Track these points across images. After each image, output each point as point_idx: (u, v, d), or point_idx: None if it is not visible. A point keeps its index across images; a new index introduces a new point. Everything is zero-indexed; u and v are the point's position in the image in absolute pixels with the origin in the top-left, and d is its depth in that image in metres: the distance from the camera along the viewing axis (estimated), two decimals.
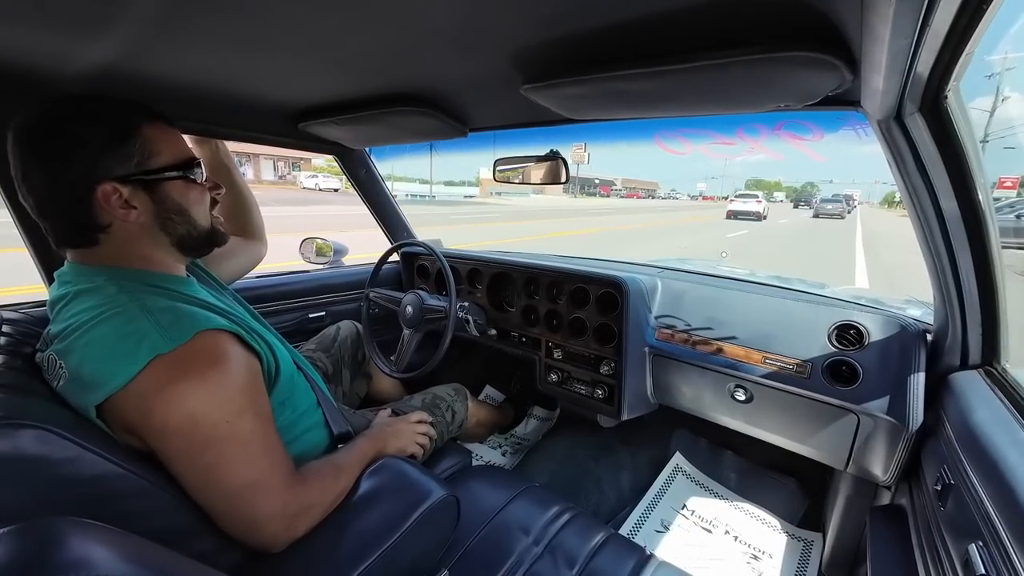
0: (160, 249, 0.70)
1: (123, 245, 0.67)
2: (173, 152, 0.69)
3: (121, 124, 0.64)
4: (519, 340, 1.45)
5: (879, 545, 0.84)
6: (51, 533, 0.35)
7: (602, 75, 0.68)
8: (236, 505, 0.63)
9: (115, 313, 0.60)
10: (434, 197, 34.09)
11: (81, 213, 0.63)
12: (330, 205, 17.07)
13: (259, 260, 1.14)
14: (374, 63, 0.76)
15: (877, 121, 0.67)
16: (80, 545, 0.35)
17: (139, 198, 0.65)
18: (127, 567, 0.35)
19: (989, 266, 0.71)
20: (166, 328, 0.59)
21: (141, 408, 0.58)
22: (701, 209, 36.30)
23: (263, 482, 0.64)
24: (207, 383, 0.59)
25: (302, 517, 0.68)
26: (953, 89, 0.56)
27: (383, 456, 0.86)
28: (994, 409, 0.67)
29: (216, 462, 0.61)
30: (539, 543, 0.86)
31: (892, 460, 0.91)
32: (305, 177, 29.44)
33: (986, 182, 0.66)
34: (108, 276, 0.64)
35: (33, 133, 0.61)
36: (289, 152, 3.40)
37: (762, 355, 1.05)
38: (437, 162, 59.64)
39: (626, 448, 1.60)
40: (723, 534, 1.30)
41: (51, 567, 0.32)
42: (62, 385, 0.60)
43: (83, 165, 0.61)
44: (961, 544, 0.58)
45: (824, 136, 8.87)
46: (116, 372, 0.57)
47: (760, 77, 0.64)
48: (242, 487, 0.62)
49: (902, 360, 0.90)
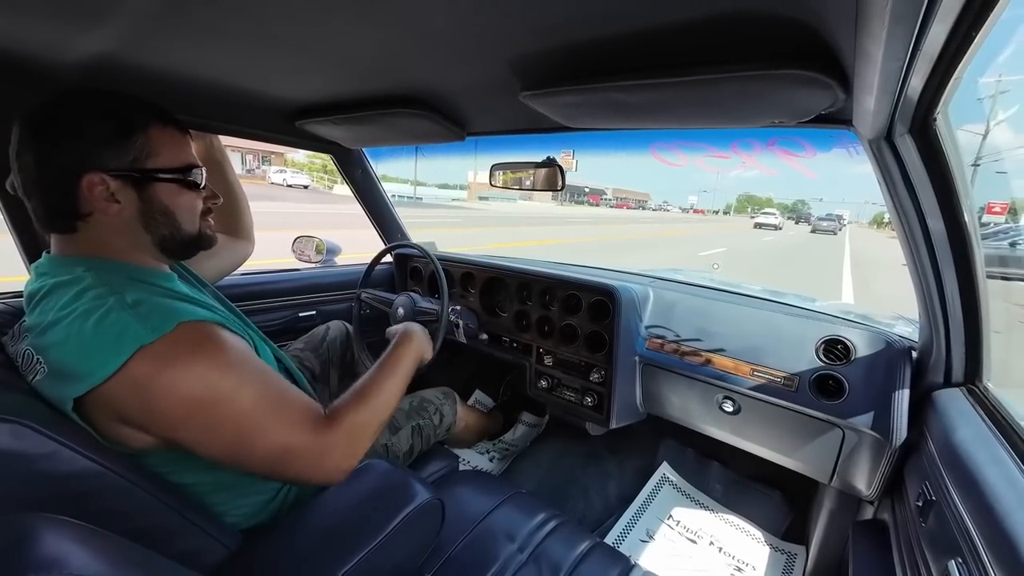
0: (139, 246, 0.69)
1: (102, 236, 0.66)
2: (174, 156, 0.69)
3: (126, 120, 0.65)
4: (510, 345, 1.45)
5: (861, 559, 0.85)
6: (23, 529, 0.34)
7: (600, 85, 0.69)
8: (275, 467, 0.64)
9: (94, 306, 0.59)
10: (420, 199, 33.75)
11: (62, 199, 0.63)
12: (297, 203, 15.89)
13: (244, 259, 1.13)
14: (374, 64, 0.76)
15: (868, 140, 0.68)
16: (53, 542, 0.34)
17: (125, 193, 0.65)
18: (102, 566, 0.34)
19: (973, 285, 0.73)
20: (147, 319, 0.58)
21: (140, 401, 0.57)
22: (692, 222, 36.39)
23: (288, 442, 0.64)
24: (196, 367, 0.59)
25: (350, 447, 0.69)
26: (942, 112, 0.57)
27: (422, 361, 0.94)
28: (975, 427, 0.68)
29: (233, 439, 0.61)
30: (524, 550, 0.86)
31: (875, 475, 0.92)
32: (274, 172, 27.78)
33: (972, 203, 0.68)
34: (87, 267, 0.64)
35: (39, 118, 0.62)
36: (259, 145, 3.29)
37: (751, 367, 1.06)
38: (434, 164, 59.58)
39: (614, 457, 1.60)
40: (708, 545, 1.30)
41: (22, 565, 0.31)
42: (38, 379, 0.59)
43: (77, 153, 0.62)
44: (941, 560, 0.58)
45: (816, 154, 9.09)
46: (99, 365, 0.56)
47: (755, 93, 0.65)
48: (270, 454, 0.63)
49: (887, 376, 0.92)
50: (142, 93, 0.69)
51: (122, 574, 0.35)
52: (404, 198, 31.02)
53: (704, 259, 10.65)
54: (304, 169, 31.91)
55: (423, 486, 0.76)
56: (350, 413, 0.71)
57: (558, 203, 51.34)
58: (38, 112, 0.62)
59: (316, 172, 32.32)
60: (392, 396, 0.80)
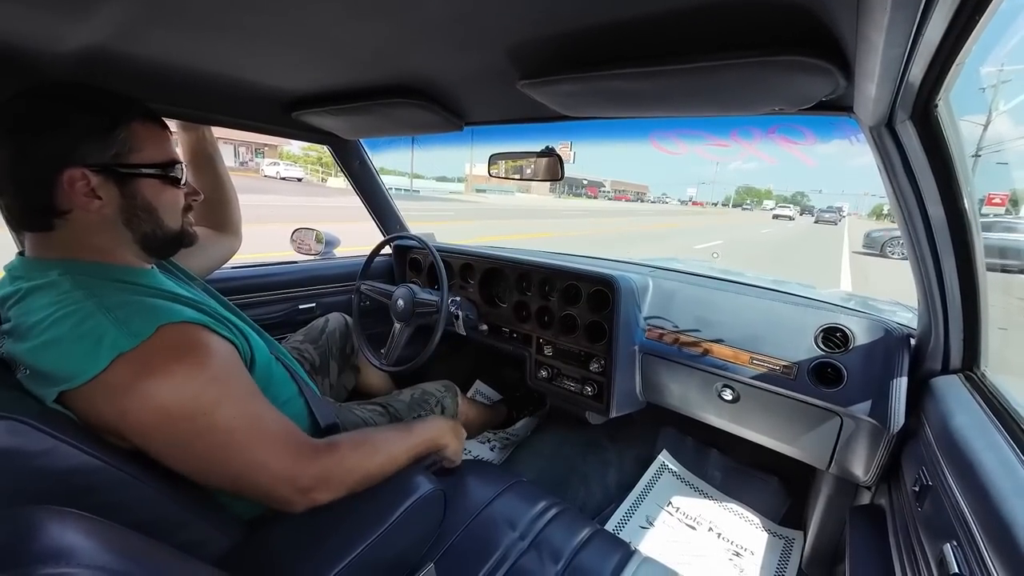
0: (121, 244, 0.68)
1: (81, 235, 0.64)
2: (156, 151, 0.68)
3: (110, 115, 0.63)
4: (510, 336, 1.45)
5: (858, 544, 0.86)
6: (31, 522, 0.34)
7: (599, 73, 0.68)
8: (242, 485, 0.63)
9: (70, 312, 0.57)
10: (417, 192, 33.34)
11: (41, 195, 0.61)
12: (285, 196, 15.58)
13: (232, 254, 1.12)
14: (370, 54, 0.75)
15: (869, 127, 0.68)
16: (60, 534, 0.34)
17: (107, 190, 0.63)
18: (109, 557, 0.34)
19: (972, 272, 0.73)
20: (125, 323, 0.56)
21: (115, 409, 0.56)
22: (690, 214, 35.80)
23: (261, 463, 0.63)
24: (174, 378, 0.57)
25: (320, 488, 0.66)
26: (943, 99, 0.56)
27: (439, 448, 0.89)
28: (972, 413, 0.69)
29: (205, 454, 0.60)
30: (525, 538, 0.87)
31: (873, 461, 0.93)
32: (267, 165, 27.64)
33: (972, 191, 0.68)
34: (62, 270, 0.61)
35: (18, 111, 0.60)
36: (253, 137, 3.22)
37: (750, 356, 1.07)
38: (432, 157, 59.01)
39: (613, 445, 1.61)
40: (706, 531, 1.32)
41: (29, 557, 0.31)
42: (22, 377, 0.58)
43: (56, 146, 0.60)
44: (937, 544, 0.59)
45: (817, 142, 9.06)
46: (77, 372, 0.54)
47: (755, 80, 0.64)
48: (241, 470, 0.62)
49: (886, 364, 0.92)
50: (135, 85, 0.68)
51: (129, 564, 0.36)
52: (400, 191, 30.78)
53: (700, 252, 10.45)
54: (299, 161, 31.59)
55: (425, 477, 0.77)
56: (344, 450, 0.71)
57: (555, 196, 51.09)
58: (13, 104, 0.60)
59: (311, 164, 32.03)
60: (392, 455, 0.78)
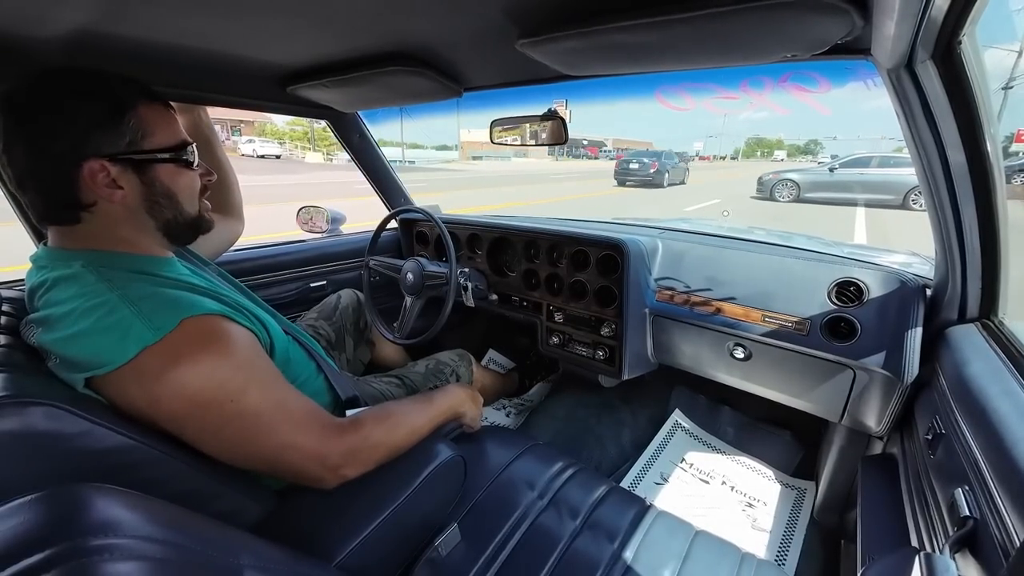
0: (144, 233, 0.68)
1: (106, 226, 0.64)
2: (167, 134, 0.67)
3: (116, 101, 0.62)
4: (520, 304, 1.46)
5: (869, 491, 0.88)
6: (77, 498, 0.36)
7: (601, 27, 0.65)
8: (274, 466, 0.66)
9: (96, 304, 0.58)
10: (412, 163, 32.50)
11: (64, 190, 0.61)
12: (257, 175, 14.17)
13: (236, 238, 1.13)
14: (363, 20, 0.72)
15: (887, 70, 0.64)
16: (106, 508, 0.36)
17: (127, 178, 0.63)
18: (153, 528, 0.37)
19: (993, 219, 0.71)
20: (150, 317, 0.57)
21: (147, 395, 0.57)
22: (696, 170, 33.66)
23: (290, 444, 0.65)
24: (201, 367, 0.58)
25: (349, 464, 0.69)
26: (969, 33, 0.53)
27: (458, 416, 0.91)
28: (988, 361, 0.69)
29: (236, 438, 0.62)
30: (544, 497, 0.90)
31: (886, 412, 0.93)
32: (244, 143, 26.90)
33: (996, 133, 0.65)
34: (85, 261, 0.62)
35: (21, 103, 0.59)
36: (229, 113, 3.14)
37: (761, 313, 1.06)
38: (425, 126, 57.70)
39: (627, 406, 1.64)
40: (720, 484, 1.36)
41: (79, 530, 0.33)
42: (53, 365, 0.60)
43: (71, 140, 0.59)
44: (948, 489, 0.60)
45: (831, 88, 8.46)
46: (105, 362, 0.56)
47: (767, 25, 0.61)
48: (271, 453, 0.64)
49: (900, 315, 0.91)
50: (126, 67, 0.66)
51: (171, 533, 0.38)
52: (394, 162, 30.25)
53: (692, 214, 9.87)
54: (284, 137, 30.84)
55: (445, 444, 0.79)
56: (369, 426, 0.73)
57: (554, 158, 49.60)
58: (19, 97, 0.58)
59: (297, 140, 31.38)
60: (415, 426, 0.79)
